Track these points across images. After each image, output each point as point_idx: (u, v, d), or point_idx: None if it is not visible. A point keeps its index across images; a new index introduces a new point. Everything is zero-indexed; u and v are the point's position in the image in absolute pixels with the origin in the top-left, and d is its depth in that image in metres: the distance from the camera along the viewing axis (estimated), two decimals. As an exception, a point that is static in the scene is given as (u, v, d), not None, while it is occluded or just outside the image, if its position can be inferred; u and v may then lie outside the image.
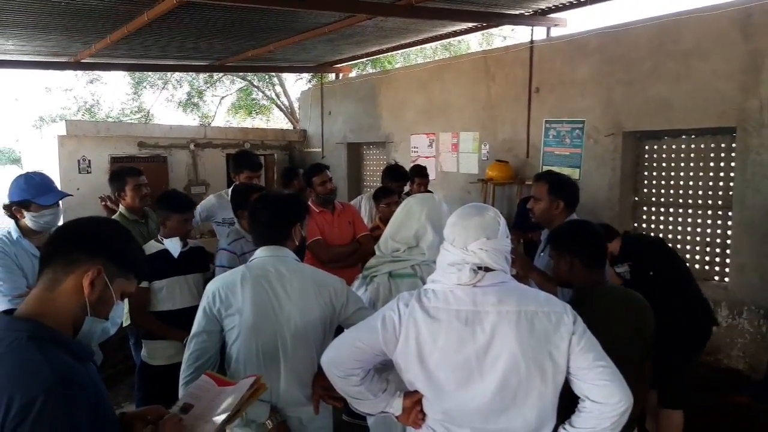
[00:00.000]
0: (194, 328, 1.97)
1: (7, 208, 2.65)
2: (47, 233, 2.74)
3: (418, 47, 7.37)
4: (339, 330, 2.02)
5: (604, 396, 1.53)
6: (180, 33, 5.58)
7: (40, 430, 1.05)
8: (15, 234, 2.66)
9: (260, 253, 2.03)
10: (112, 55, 6.64)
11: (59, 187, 2.82)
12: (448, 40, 7.44)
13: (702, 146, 4.65)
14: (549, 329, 1.52)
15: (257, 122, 14.09)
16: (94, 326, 1.28)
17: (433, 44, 7.21)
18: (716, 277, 4.62)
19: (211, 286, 1.99)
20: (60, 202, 2.71)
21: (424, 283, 1.78)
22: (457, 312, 1.53)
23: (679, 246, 4.84)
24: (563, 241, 2.12)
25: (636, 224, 5.16)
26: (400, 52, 8.45)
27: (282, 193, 2.22)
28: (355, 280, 2.32)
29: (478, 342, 1.51)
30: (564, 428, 1.62)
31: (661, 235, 4.96)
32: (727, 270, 4.49)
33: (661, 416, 3.03)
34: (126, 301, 2.04)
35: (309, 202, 3.83)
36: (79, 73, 13.19)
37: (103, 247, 1.28)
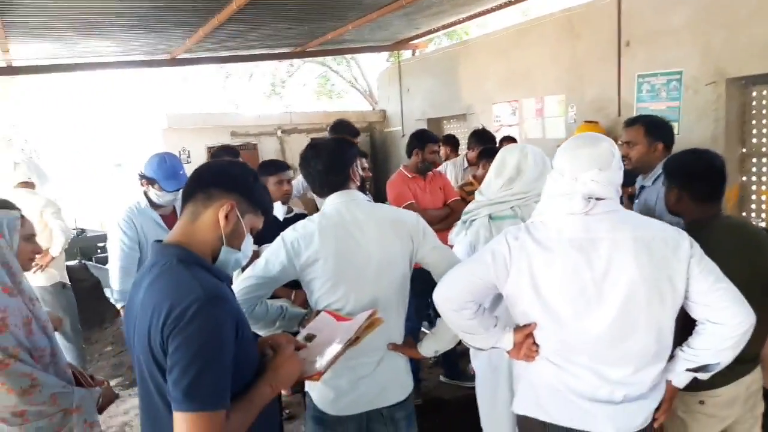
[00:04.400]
0: (257, 271, 1.87)
1: (140, 176, 3.00)
2: (170, 207, 3.08)
3: (494, 16, 7.21)
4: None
5: (726, 317, 1.50)
6: (263, 19, 5.81)
7: (191, 333, 1.20)
8: (143, 203, 3.00)
9: (331, 200, 1.97)
10: (203, 49, 7.03)
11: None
12: (526, 5, 7.20)
13: (820, 87, 4.25)
14: (667, 254, 1.50)
15: (338, 106, 14.44)
16: (229, 256, 1.42)
17: (509, 10, 7.00)
18: (841, 229, 4.23)
19: (288, 236, 1.91)
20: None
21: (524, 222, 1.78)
22: (570, 240, 1.53)
23: (795, 198, 4.48)
24: (672, 171, 2.04)
25: (744, 178, 4.81)
26: (476, 23, 8.32)
27: (329, 138, 2.09)
28: (454, 226, 2.36)
29: (595, 269, 1.50)
30: (682, 350, 1.60)
31: (774, 188, 4.61)
32: None
33: None
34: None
35: (401, 168, 3.93)
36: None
37: (236, 184, 1.43)
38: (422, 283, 2.15)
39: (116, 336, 5.92)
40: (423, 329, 3.84)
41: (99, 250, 6.83)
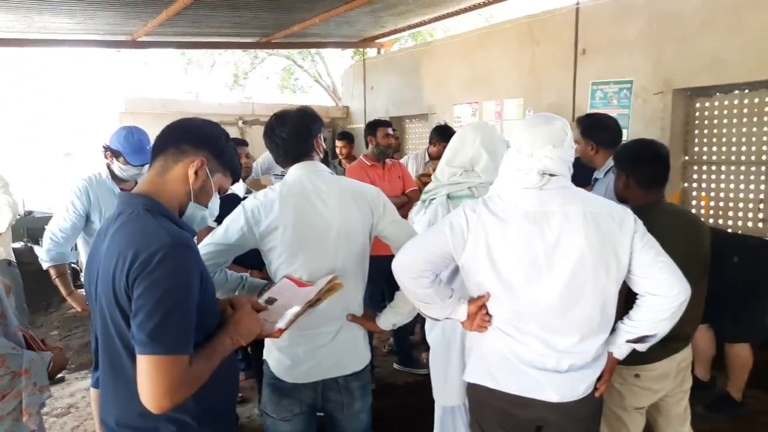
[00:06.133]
0: (217, 238, 1.87)
1: (105, 148, 2.94)
2: (131, 182, 3.02)
3: (458, 20, 7.40)
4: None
5: (664, 289, 1.61)
6: (229, 5, 5.77)
7: (158, 278, 1.21)
8: (104, 174, 2.95)
9: (293, 171, 1.96)
10: (166, 33, 6.90)
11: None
12: (489, 11, 7.40)
13: (756, 101, 4.55)
14: (613, 228, 1.61)
15: (301, 101, 14.39)
16: (196, 212, 1.45)
17: (473, 15, 7.19)
18: (770, 234, 4.54)
19: (249, 203, 1.90)
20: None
21: None
22: (525, 213, 1.62)
23: (731, 204, 4.78)
24: (621, 158, 2.19)
25: (686, 184, 5.10)
26: (440, 25, 8.49)
27: (295, 108, 2.04)
28: (413, 206, 2.43)
29: (546, 240, 1.60)
30: (623, 322, 1.71)
31: (712, 194, 4.91)
32: (782, 226, 4.41)
33: (728, 353, 3.07)
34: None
35: (362, 156, 3.98)
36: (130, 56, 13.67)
37: (208, 142, 1.45)
38: (378, 271, 2.18)
39: (62, 320, 5.74)
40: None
41: (46, 233, 6.58)
